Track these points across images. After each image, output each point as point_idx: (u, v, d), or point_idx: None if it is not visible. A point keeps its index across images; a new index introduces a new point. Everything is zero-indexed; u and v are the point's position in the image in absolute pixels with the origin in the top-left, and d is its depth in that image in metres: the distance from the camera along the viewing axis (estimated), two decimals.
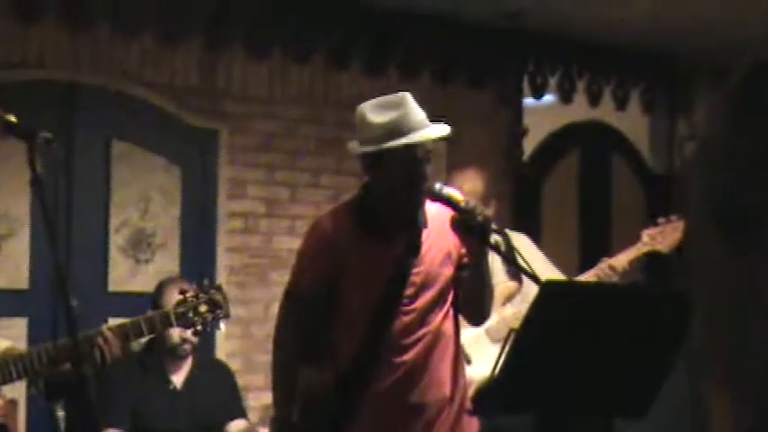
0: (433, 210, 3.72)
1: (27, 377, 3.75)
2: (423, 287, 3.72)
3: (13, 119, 3.09)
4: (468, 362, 4.45)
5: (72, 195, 5.71)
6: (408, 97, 3.66)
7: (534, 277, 3.64)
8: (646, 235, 5.10)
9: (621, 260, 4.91)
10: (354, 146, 3.71)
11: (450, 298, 3.81)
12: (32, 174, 2.98)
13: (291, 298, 3.82)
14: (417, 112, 3.64)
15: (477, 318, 3.98)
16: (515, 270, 4.33)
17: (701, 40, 7.22)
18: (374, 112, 3.62)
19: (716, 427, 0.82)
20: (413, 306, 3.71)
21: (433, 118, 3.74)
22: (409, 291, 3.70)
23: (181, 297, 4.02)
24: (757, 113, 0.78)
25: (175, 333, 4.98)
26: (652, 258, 5.00)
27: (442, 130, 3.67)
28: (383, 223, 3.72)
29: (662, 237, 4.82)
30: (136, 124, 5.98)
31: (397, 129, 3.56)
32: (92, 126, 5.84)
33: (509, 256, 3.69)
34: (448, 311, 3.81)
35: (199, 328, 4.05)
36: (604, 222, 8.15)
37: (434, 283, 3.74)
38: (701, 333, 0.82)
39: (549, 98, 7.54)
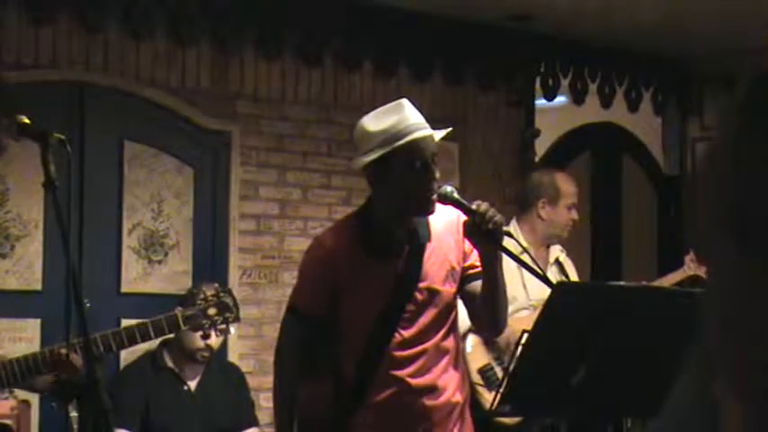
0: (437, 224, 3.64)
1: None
2: (424, 304, 3.63)
3: (25, 120, 3.09)
4: None
5: (84, 196, 5.71)
6: (405, 102, 3.59)
7: (546, 280, 3.63)
8: (688, 260, 5.28)
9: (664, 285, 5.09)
10: (357, 160, 3.62)
11: (452, 316, 3.72)
12: (45, 175, 2.98)
13: (292, 314, 3.75)
14: (416, 115, 3.56)
15: (492, 329, 3.86)
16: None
17: (712, 42, 7.20)
18: (372, 122, 3.55)
19: None
20: (414, 322, 3.62)
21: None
22: (411, 307, 3.62)
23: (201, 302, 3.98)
24: (764, 122, 0.78)
25: (198, 338, 4.95)
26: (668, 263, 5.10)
27: (442, 132, 3.61)
28: (385, 238, 3.63)
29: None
30: (148, 126, 5.99)
31: (398, 132, 3.49)
32: (104, 127, 5.85)
33: (521, 260, 3.62)
34: (450, 329, 3.71)
35: (208, 331, 4.02)
36: (616, 224, 8.14)
37: (437, 300, 3.64)
38: (713, 341, 0.82)
39: (561, 99, 7.53)
